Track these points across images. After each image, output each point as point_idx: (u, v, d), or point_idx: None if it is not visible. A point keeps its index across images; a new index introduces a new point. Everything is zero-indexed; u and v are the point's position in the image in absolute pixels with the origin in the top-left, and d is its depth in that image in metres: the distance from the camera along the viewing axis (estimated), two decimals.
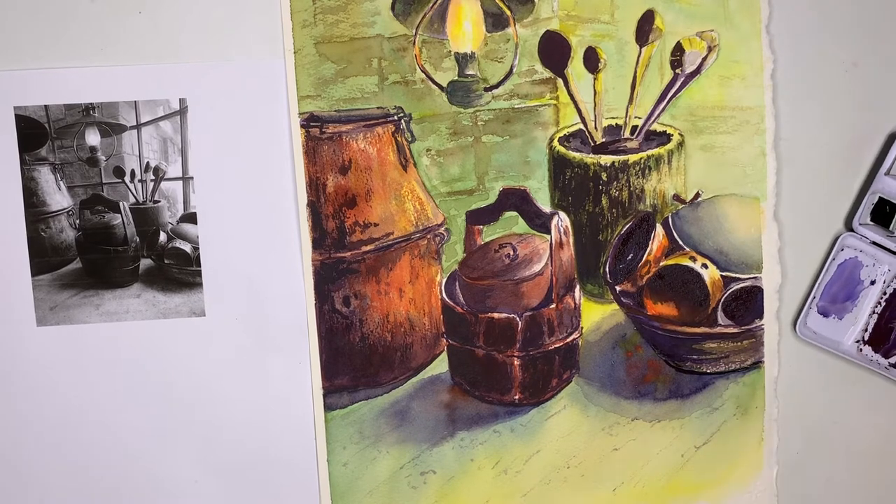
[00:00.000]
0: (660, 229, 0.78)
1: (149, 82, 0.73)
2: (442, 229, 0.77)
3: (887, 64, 0.77)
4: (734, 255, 0.78)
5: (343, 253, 0.75)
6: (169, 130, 0.74)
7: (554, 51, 0.76)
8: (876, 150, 0.77)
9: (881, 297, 0.76)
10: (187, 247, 0.75)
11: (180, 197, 0.75)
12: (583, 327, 0.78)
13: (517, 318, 0.76)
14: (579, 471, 0.78)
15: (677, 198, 0.78)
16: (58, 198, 0.74)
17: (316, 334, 0.76)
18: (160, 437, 0.76)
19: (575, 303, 0.78)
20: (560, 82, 0.76)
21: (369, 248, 0.76)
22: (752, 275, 0.77)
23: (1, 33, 0.72)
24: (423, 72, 0.75)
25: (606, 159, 0.77)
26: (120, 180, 0.74)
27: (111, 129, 0.74)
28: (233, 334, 0.75)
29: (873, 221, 0.76)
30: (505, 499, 0.78)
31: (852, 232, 0.77)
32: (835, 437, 0.79)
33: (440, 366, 0.78)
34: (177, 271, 0.75)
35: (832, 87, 0.77)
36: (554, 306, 0.77)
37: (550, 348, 0.77)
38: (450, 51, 0.75)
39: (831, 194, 0.78)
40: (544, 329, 0.77)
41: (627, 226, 0.78)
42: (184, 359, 0.75)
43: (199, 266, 0.75)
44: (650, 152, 0.77)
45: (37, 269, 0.74)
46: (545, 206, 0.77)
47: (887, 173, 0.75)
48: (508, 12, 0.75)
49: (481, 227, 0.77)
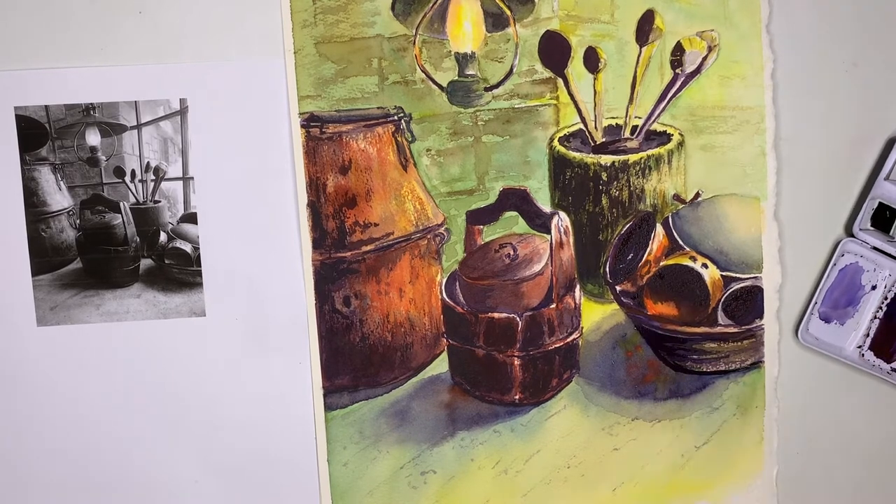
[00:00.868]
0: (660, 229, 0.78)
1: (149, 82, 0.73)
2: (442, 229, 0.77)
3: (887, 64, 0.77)
4: (734, 254, 0.78)
5: (343, 253, 0.75)
6: (169, 130, 0.74)
7: (554, 51, 0.76)
8: (876, 150, 0.77)
9: (882, 302, 0.76)
10: (187, 247, 0.75)
11: (180, 197, 0.75)
12: (583, 327, 0.78)
13: (517, 318, 0.76)
14: (579, 471, 0.79)
15: (677, 198, 0.78)
16: (58, 198, 0.74)
17: (316, 334, 0.76)
18: (160, 437, 0.76)
19: (575, 303, 0.78)
20: (560, 82, 0.76)
21: (369, 248, 0.76)
22: (752, 274, 0.77)
23: (1, 33, 0.72)
24: (423, 72, 0.75)
25: (606, 159, 0.77)
26: (120, 180, 0.74)
27: (111, 129, 0.74)
28: (233, 334, 0.75)
29: (873, 227, 0.76)
30: (505, 499, 0.78)
31: (853, 237, 0.77)
32: (835, 437, 0.79)
33: (440, 366, 0.78)
34: (177, 271, 0.75)
35: (832, 87, 0.77)
36: (554, 306, 0.77)
37: (550, 348, 0.77)
38: (450, 51, 0.75)
39: (832, 193, 0.78)
40: (544, 329, 0.77)
41: (627, 226, 0.78)
42: (184, 359, 0.75)
43: (200, 266, 0.75)
44: (650, 152, 0.77)
45: (37, 269, 0.74)
46: (545, 206, 0.77)
47: (887, 178, 0.75)
48: (508, 12, 0.75)
49: (481, 227, 0.77)
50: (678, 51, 0.76)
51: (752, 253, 0.77)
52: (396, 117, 0.75)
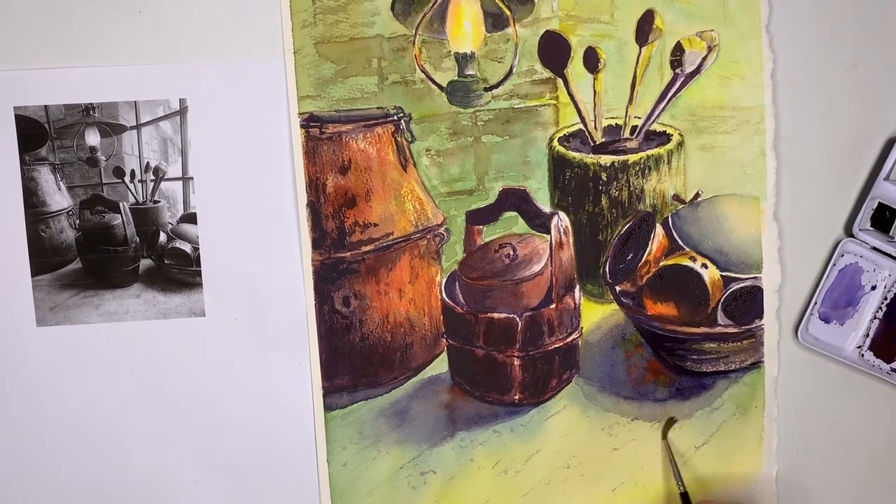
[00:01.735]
0: (660, 229, 0.78)
1: (149, 82, 0.73)
2: (442, 229, 0.77)
3: (887, 64, 0.77)
4: (734, 254, 0.78)
5: (343, 253, 0.75)
6: (169, 130, 0.74)
7: (554, 51, 0.76)
8: (876, 150, 0.77)
9: (882, 302, 0.76)
10: (187, 247, 0.75)
11: (180, 197, 0.75)
12: (583, 327, 0.78)
13: (517, 318, 0.76)
14: (579, 471, 0.78)
15: (677, 198, 0.78)
16: (58, 198, 0.74)
17: (316, 334, 0.76)
18: (160, 437, 0.76)
19: (575, 303, 0.78)
20: (560, 82, 0.76)
21: (369, 248, 0.76)
22: (751, 275, 0.77)
23: (1, 33, 0.72)
24: (422, 72, 0.75)
25: (606, 159, 0.77)
26: (120, 180, 0.74)
27: (111, 129, 0.74)
28: (233, 334, 0.75)
29: (873, 227, 0.76)
30: (505, 499, 0.78)
31: (852, 237, 0.77)
32: (835, 437, 0.79)
33: (440, 366, 0.78)
34: (177, 271, 0.75)
35: (832, 87, 0.77)
36: (554, 306, 0.77)
37: (550, 348, 0.77)
38: (449, 51, 0.75)
39: (831, 193, 0.78)
40: (544, 329, 0.77)
41: (627, 226, 0.78)
42: (184, 359, 0.75)
43: (199, 266, 0.75)
44: (650, 152, 0.77)
45: (37, 270, 0.74)
46: (545, 206, 0.77)
47: (887, 178, 0.75)
48: (508, 12, 0.75)
49: (481, 227, 0.77)
50: (678, 51, 0.76)
51: (751, 253, 0.77)
52: (396, 117, 0.75)
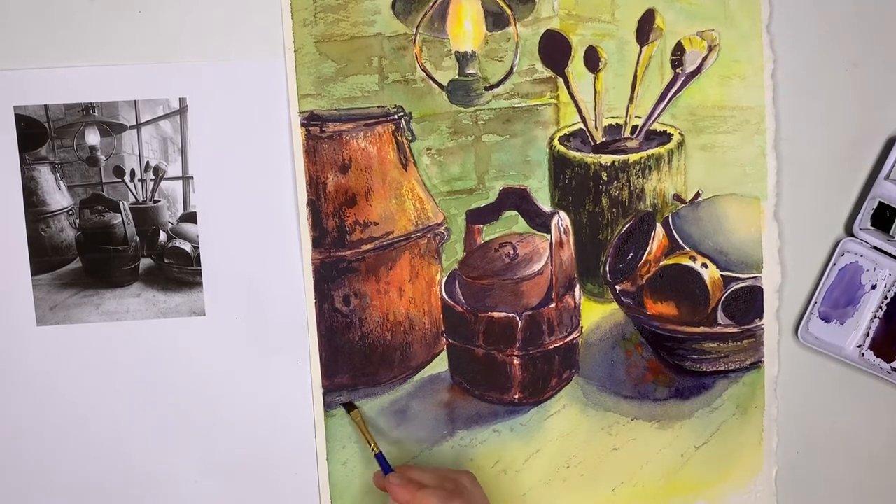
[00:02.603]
0: (660, 229, 0.78)
1: (149, 82, 0.73)
2: (442, 228, 0.77)
3: (887, 64, 0.77)
4: (734, 254, 0.78)
5: (343, 252, 0.75)
6: (169, 130, 0.74)
7: (554, 50, 0.76)
8: (876, 150, 0.77)
9: (882, 302, 0.76)
10: (187, 246, 0.75)
11: (180, 196, 0.75)
12: (583, 327, 0.78)
13: (517, 318, 0.76)
14: (579, 471, 0.79)
15: (677, 197, 0.78)
16: (58, 197, 0.74)
17: (316, 333, 0.76)
18: (160, 437, 0.76)
19: (575, 302, 0.78)
20: (560, 81, 0.76)
21: (369, 246, 0.76)
22: (752, 274, 0.77)
23: (1, 33, 0.72)
24: (423, 71, 0.75)
25: (607, 159, 0.77)
26: (120, 180, 0.74)
27: (111, 129, 0.74)
28: (233, 333, 0.75)
29: (873, 226, 0.76)
30: (505, 499, 0.78)
31: (853, 237, 0.77)
32: (835, 437, 0.79)
33: (440, 365, 0.78)
34: (177, 271, 0.75)
35: (832, 87, 0.77)
36: (554, 306, 0.77)
37: (550, 348, 0.77)
38: (450, 50, 0.75)
39: (831, 193, 0.78)
40: (544, 328, 0.77)
41: (627, 225, 0.78)
42: (184, 358, 0.75)
43: (199, 265, 0.75)
44: (650, 152, 0.77)
45: (37, 269, 0.74)
46: (545, 206, 0.77)
47: (887, 178, 0.75)
48: (509, 11, 0.75)
49: (481, 226, 0.77)
50: (678, 50, 0.76)
51: (751, 253, 0.77)
52: (396, 116, 0.75)
